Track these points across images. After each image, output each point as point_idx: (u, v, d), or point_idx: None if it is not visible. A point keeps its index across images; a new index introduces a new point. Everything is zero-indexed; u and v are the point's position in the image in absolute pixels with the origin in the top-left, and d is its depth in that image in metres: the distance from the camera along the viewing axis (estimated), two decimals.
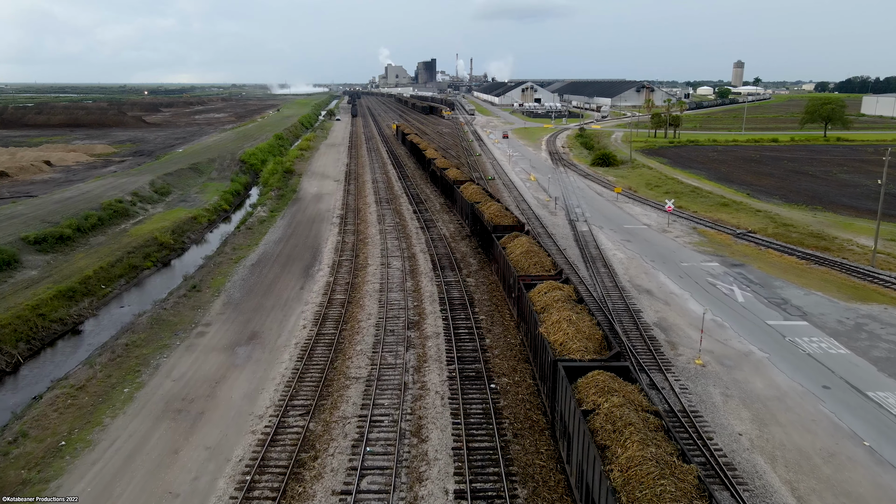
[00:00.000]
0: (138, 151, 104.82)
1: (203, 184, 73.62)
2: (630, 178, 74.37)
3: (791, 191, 68.20)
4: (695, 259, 42.49)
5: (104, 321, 35.11)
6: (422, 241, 47.39)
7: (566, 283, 27.43)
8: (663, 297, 35.07)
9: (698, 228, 51.45)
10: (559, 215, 55.14)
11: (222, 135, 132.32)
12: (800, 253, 43.49)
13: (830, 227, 50.61)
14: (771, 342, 29.23)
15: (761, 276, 38.72)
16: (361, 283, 37.84)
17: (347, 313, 32.96)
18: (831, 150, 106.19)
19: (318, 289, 36.97)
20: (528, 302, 25.93)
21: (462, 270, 39.83)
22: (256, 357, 28.08)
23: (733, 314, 32.59)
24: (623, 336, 29.42)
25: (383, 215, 56.36)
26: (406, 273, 39.56)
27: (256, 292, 36.66)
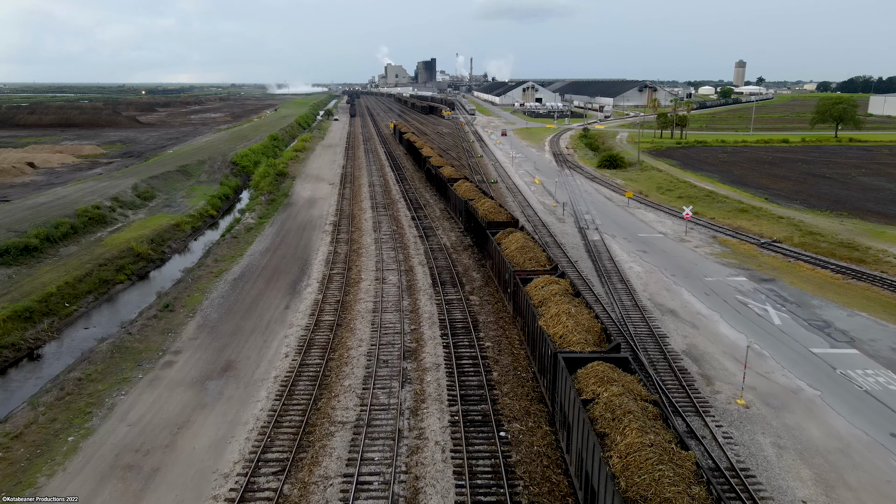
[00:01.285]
0: (127, 153, 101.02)
1: (191, 187, 69.85)
2: (640, 181, 70.57)
3: (811, 195, 64.45)
4: (720, 273, 38.75)
5: (66, 345, 31.36)
6: (420, 251, 43.63)
7: (562, 278, 27.55)
8: (690, 319, 31.32)
9: (718, 237, 47.70)
10: (568, 222, 51.38)
11: (216, 135, 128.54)
12: (833, 266, 39.75)
13: (861, 236, 46.85)
14: (820, 376, 25.48)
15: (796, 294, 34.98)
16: (353, 301, 34.09)
17: (336, 339, 29.20)
18: (845, 151, 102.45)
19: (305, 308, 33.22)
20: (526, 296, 25.96)
21: (465, 287, 36.08)
22: (229, 394, 24.33)
23: (772, 340, 28.84)
24: (650, 368, 25.67)
25: (379, 222, 52.60)
26: (403, 290, 35.80)
27: (236, 312, 32.91)
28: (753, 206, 57.35)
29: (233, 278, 38.49)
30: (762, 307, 32.83)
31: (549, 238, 46.12)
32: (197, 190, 68.31)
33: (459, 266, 39.96)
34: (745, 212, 55.06)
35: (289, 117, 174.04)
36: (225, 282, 37.84)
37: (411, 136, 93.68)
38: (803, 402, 23.40)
